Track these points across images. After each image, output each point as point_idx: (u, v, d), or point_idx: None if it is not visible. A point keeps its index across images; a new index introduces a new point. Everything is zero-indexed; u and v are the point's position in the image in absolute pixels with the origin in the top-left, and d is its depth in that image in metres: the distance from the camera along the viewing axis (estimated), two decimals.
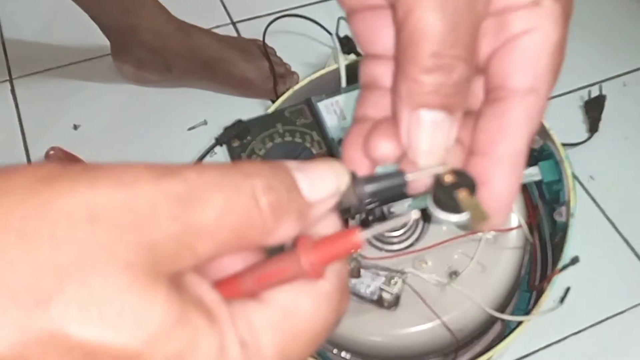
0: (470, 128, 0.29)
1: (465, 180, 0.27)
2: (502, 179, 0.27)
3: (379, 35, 0.30)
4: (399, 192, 0.28)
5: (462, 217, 0.27)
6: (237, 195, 0.21)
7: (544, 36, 0.27)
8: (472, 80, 0.27)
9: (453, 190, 0.27)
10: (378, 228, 0.25)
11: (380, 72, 0.30)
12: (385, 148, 0.29)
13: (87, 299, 0.18)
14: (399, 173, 0.28)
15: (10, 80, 1.13)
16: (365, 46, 0.31)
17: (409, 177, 0.27)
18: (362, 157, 0.30)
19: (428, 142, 0.27)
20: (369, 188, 0.27)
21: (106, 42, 1.07)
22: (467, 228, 0.25)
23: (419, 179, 0.28)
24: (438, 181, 0.27)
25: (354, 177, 0.26)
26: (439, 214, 0.27)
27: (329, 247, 0.23)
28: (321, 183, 0.24)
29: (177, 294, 0.20)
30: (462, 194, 0.26)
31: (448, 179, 0.27)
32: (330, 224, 0.25)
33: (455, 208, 0.27)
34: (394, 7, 0.26)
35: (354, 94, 0.71)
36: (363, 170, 0.30)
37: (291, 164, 0.24)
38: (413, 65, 0.26)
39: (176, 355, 0.19)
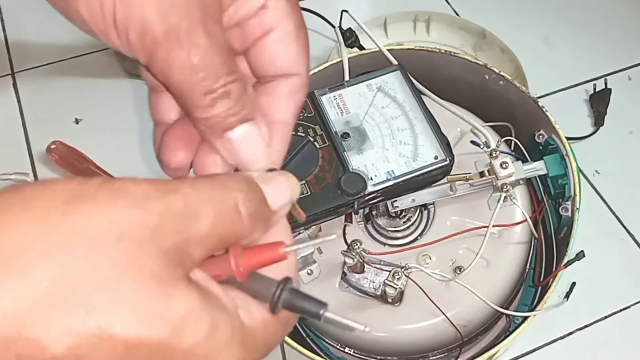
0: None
1: None
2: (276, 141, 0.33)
3: None
4: None
5: None
6: (224, 208, 0.26)
7: (282, 30, 0.32)
8: (248, 85, 0.31)
9: None
10: (303, 245, 0.30)
11: None
12: (178, 157, 0.33)
13: (125, 305, 0.22)
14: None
15: (12, 74, 1.13)
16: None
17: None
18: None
19: (248, 154, 0.31)
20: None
21: None
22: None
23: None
24: None
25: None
26: None
27: (254, 256, 0.28)
28: (280, 194, 0.29)
29: (193, 289, 0.24)
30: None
31: None
32: (282, 229, 0.30)
33: None
34: (149, 69, 0.29)
35: (358, 87, 0.71)
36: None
37: (256, 177, 0.28)
38: (196, 108, 0.29)
39: (202, 338, 0.24)
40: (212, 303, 0.25)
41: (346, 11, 0.86)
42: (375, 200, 0.67)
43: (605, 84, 1.03)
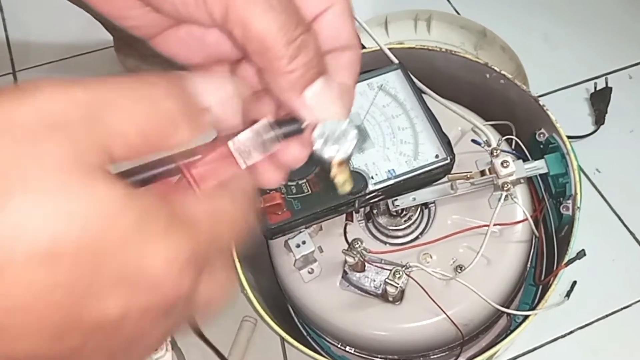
0: None
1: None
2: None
3: (190, 48, 0.34)
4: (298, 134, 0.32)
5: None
6: (140, 102, 0.23)
7: (340, 7, 0.33)
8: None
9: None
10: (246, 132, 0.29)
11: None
12: (293, 153, 0.32)
13: (32, 202, 0.20)
14: (295, 121, 0.31)
15: (14, 73, 1.13)
16: (184, 61, 0.35)
17: (304, 124, 0.31)
18: (273, 169, 0.33)
19: (328, 109, 0.31)
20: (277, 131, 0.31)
21: (109, 36, 1.07)
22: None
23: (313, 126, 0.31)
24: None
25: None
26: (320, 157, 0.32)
27: (206, 162, 0.27)
28: (216, 88, 0.27)
29: (115, 180, 0.22)
30: (336, 162, 0.31)
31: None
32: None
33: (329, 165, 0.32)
34: (222, 27, 0.29)
35: (359, 86, 0.71)
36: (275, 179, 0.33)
37: (190, 74, 0.27)
38: (279, 61, 0.29)
39: (132, 231, 0.21)
40: (137, 193, 0.22)
41: None
42: (376, 199, 0.67)
43: (606, 83, 1.03)
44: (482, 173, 0.68)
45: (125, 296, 0.22)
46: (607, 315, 0.86)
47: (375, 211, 0.71)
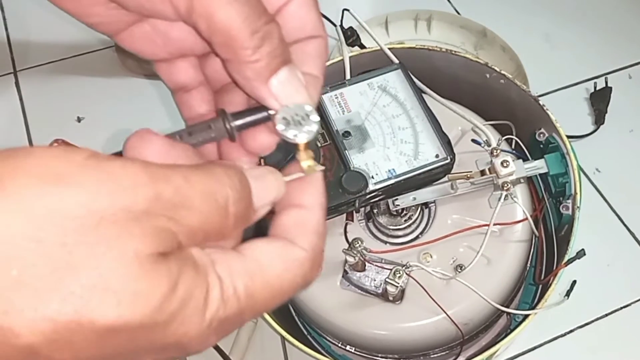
0: None
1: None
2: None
3: (155, 43, 0.34)
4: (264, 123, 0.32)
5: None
6: (216, 206, 0.26)
7: None
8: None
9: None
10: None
11: (180, 73, 0.36)
12: (261, 141, 0.33)
13: (104, 289, 0.22)
14: (263, 109, 0.32)
15: (15, 73, 1.13)
16: (149, 56, 0.35)
17: (272, 112, 0.31)
18: (243, 154, 0.34)
19: (293, 96, 0.31)
20: (238, 122, 0.31)
21: None
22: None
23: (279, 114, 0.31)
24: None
25: (223, 113, 0.31)
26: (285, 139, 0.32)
27: None
28: (265, 194, 0.29)
29: (171, 262, 0.24)
30: (302, 145, 0.31)
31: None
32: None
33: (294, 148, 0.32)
34: (187, 20, 0.30)
35: (359, 86, 0.71)
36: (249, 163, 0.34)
37: (247, 171, 0.28)
38: (244, 51, 0.29)
39: (180, 309, 0.24)
40: (184, 276, 0.24)
41: (347, 10, 0.86)
42: (377, 199, 0.67)
43: (606, 83, 1.03)
44: (482, 173, 0.68)
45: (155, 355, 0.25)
46: (606, 315, 0.86)
47: (375, 211, 0.71)
